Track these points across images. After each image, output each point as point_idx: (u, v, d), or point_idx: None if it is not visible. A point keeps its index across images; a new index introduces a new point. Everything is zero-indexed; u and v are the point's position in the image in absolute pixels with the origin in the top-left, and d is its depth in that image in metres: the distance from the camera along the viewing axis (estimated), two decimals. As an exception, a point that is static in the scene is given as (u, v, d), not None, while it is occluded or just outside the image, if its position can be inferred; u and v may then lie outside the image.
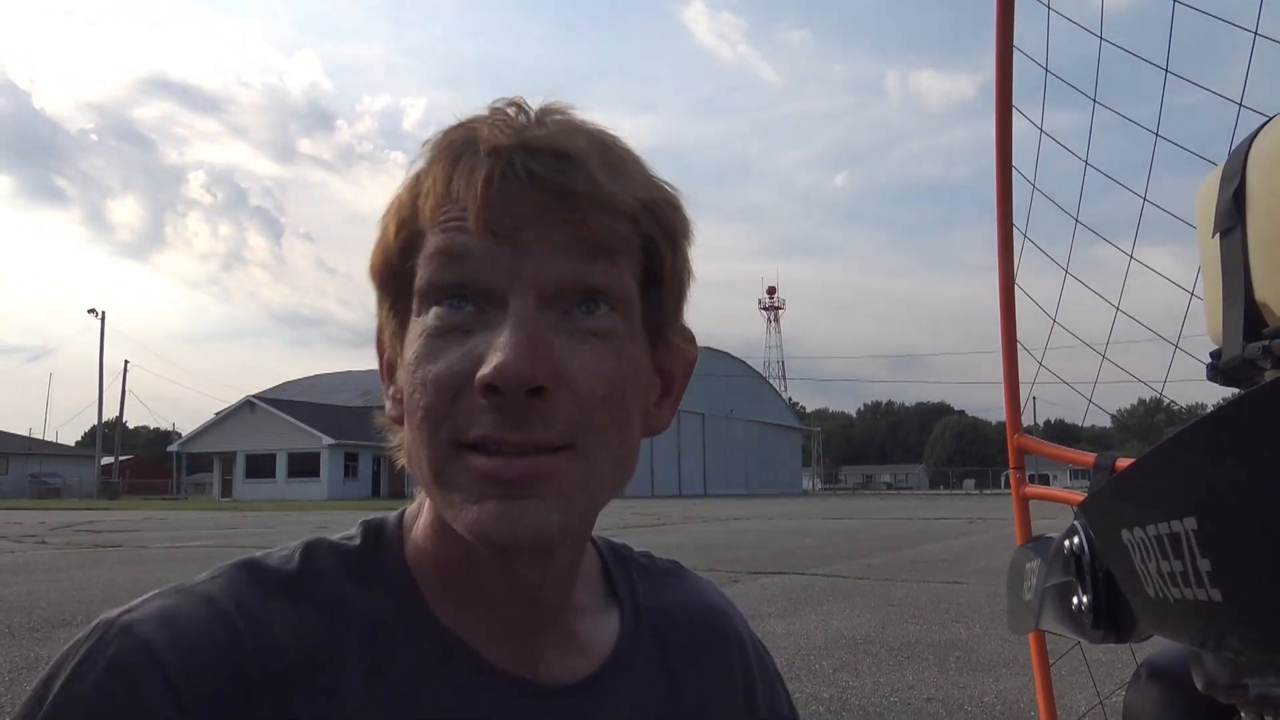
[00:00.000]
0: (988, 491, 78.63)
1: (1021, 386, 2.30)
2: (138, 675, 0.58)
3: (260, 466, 58.36)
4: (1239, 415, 0.56)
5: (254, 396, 62.17)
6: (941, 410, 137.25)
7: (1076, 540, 1.09)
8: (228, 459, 60.11)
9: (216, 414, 63.24)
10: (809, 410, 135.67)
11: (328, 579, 0.67)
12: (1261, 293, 1.09)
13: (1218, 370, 1.20)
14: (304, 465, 55.97)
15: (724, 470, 72.04)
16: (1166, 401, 2.04)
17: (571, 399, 0.61)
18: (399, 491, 57.93)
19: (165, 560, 12.84)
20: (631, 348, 0.65)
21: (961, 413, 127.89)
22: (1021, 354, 2.30)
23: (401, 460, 0.67)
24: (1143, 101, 1.84)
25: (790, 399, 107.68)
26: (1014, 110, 2.25)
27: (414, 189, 0.65)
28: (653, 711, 0.74)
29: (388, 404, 0.70)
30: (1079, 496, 1.95)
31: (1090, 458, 1.94)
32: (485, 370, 0.59)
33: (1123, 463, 1.87)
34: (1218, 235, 1.17)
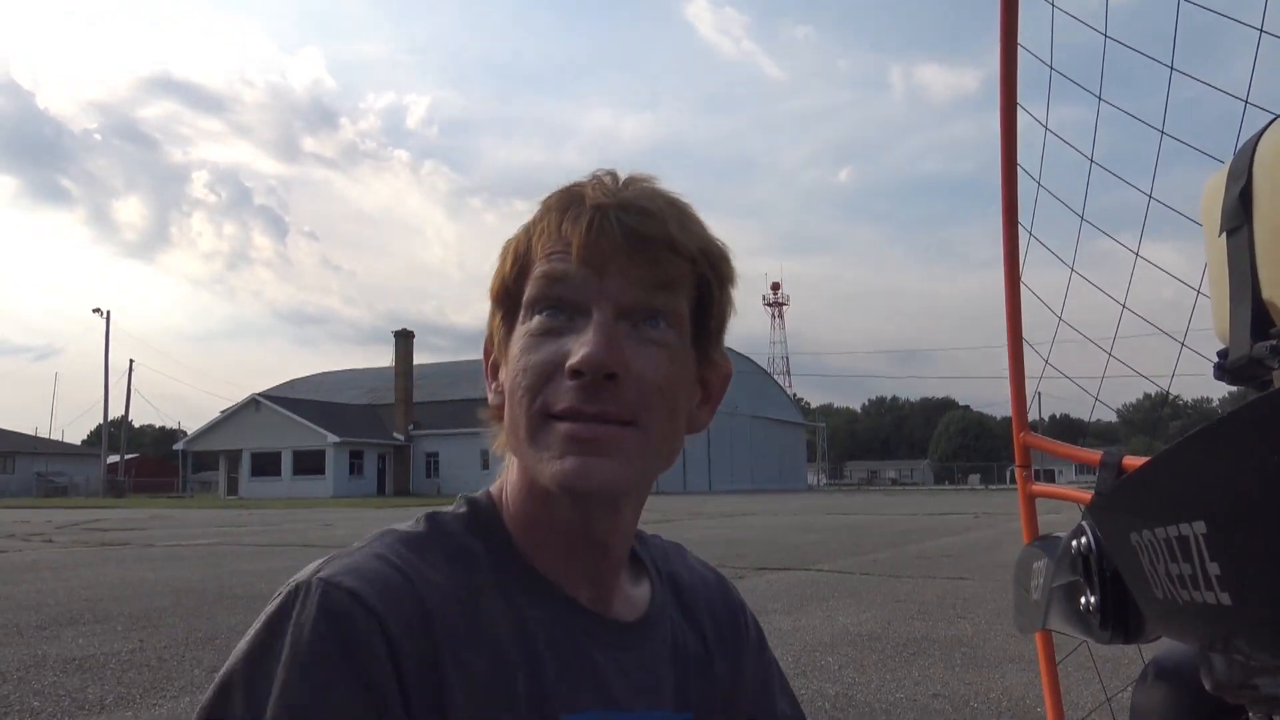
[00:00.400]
0: (993, 487, 78.61)
1: (1028, 382, 2.29)
2: (353, 616, 0.73)
3: (266, 464, 58.46)
4: (1249, 420, 0.56)
5: (259, 395, 62.24)
6: (946, 405, 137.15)
7: (1084, 540, 1.09)
8: (233, 457, 60.21)
9: (222, 412, 63.34)
10: (813, 406, 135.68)
11: (453, 536, 0.86)
12: (1269, 292, 1.09)
13: (1225, 369, 1.19)
14: (309, 463, 56.07)
15: (728, 466, 72.02)
16: (1173, 396, 2.04)
17: (635, 386, 0.81)
18: (404, 489, 58.01)
19: (172, 559, 12.87)
20: (682, 356, 0.85)
21: (966, 408, 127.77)
22: (1027, 350, 2.30)
23: (498, 447, 0.89)
24: (1148, 94, 1.83)
25: (795, 395, 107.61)
26: (1019, 108, 2.25)
27: (529, 231, 0.87)
28: (684, 645, 0.96)
29: (490, 396, 0.91)
30: (1086, 495, 1.95)
31: (1097, 455, 1.93)
32: (574, 359, 0.79)
33: (1130, 460, 1.87)
34: (1224, 235, 1.16)
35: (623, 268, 0.82)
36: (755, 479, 73.31)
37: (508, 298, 0.88)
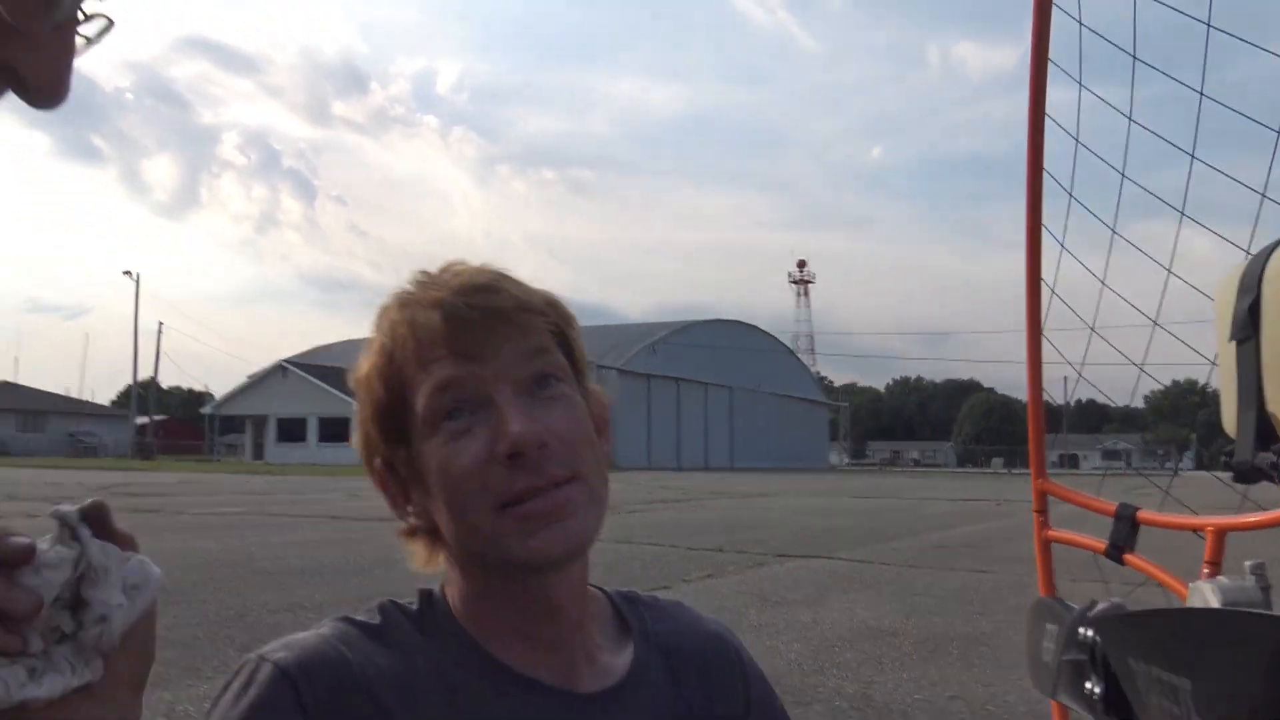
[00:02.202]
0: (1016, 471, 78.25)
1: (1051, 368, 2.32)
2: (273, 681, 0.80)
3: (292, 430, 59.09)
4: (1230, 625, 0.64)
5: (286, 361, 62.81)
6: (971, 388, 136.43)
7: (1092, 633, 1.17)
8: (260, 422, 60.91)
9: (249, 377, 63.99)
10: (837, 385, 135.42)
11: (403, 629, 0.90)
12: (1274, 405, 1.16)
13: (1231, 466, 1.27)
14: (335, 430, 56.57)
15: (751, 443, 72.10)
16: (1202, 384, 2.08)
17: (562, 445, 0.85)
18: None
19: (202, 527, 13.13)
20: (579, 402, 0.90)
21: (991, 390, 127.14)
22: (1053, 340, 2.31)
23: (419, 562, 0.93)
24: (1185, 76, 1.79)
25: (818, 373, 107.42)
26: (1047, 118, 2.28)
27: (385, 353, 0.89)
28: (672, 709, 0.94)
29: (410, 520, 0.93)
30: (1100, 544, 2.02)
31: (1112, 507, 2.01)
32: (503, 444, 0.82)
33: (1143, 515, 1.94)
34: (1234, 341, 1.23)
35: (497, 348, 0.86)
36: (777, 457, 73.36)
37: (391, 421, 0.89)
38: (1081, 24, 2.09)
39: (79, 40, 0.65)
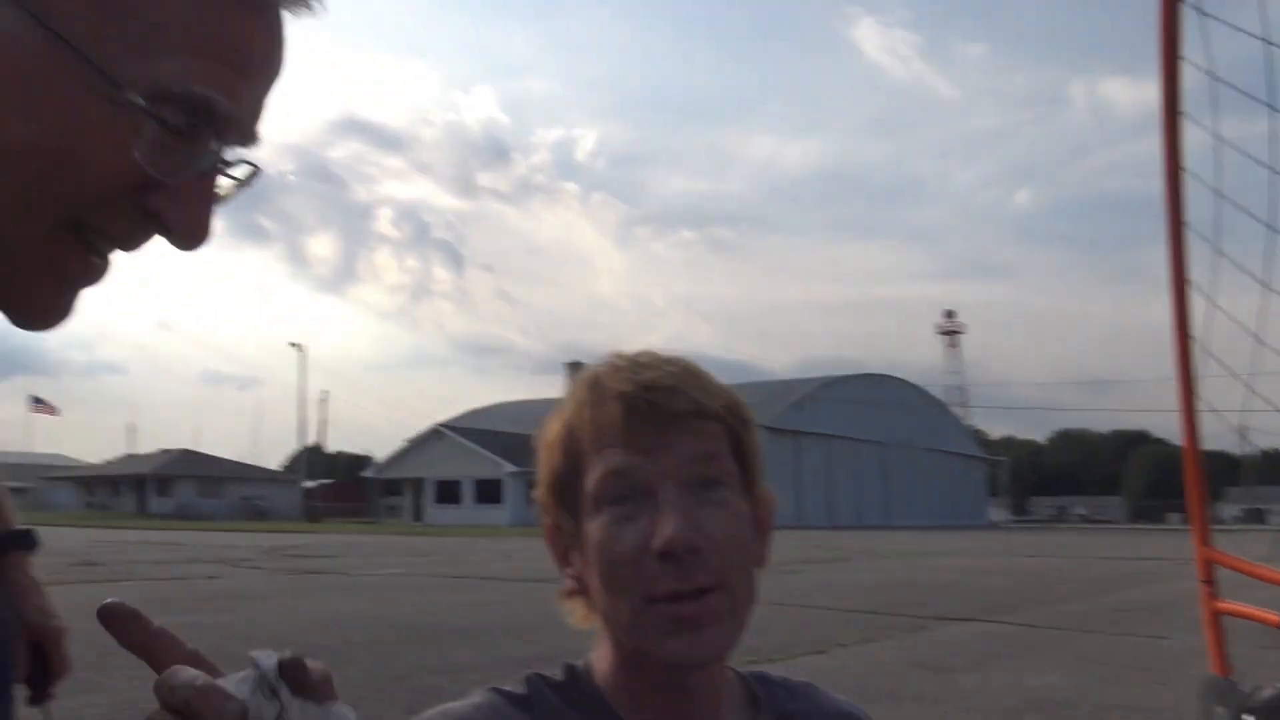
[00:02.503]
0: (1195, 526, 73.27)
1: (1227, 415, 2.18)
2: None
3: (448, 492, 60.74)
4: None
5: (441, 424, 64.84)
6: (1140, 438, 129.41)
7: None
8: (418, 484, 62.85)
9: (407, 441, 66.29)
10: (993, 438, 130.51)
11: (549, 701, 0.95)
12: None
13: None
14: (488, 491, 57.92)
15: (906, 501, 70.11)
16: None
17: (717, 553, 0.88)
18: (579, 518, 58.88)
19: (365, 589, 13.56)
20: (742, 509, 0.93)
21: (1162, 441, 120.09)
22: (1228, 384, 2.19)
23: (578, 619, 0.97)
24: None
25: (973, 427, 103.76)
26: (1184, 172, 2.17)
27: (568, 425, 0.96)
28: None
29: (567, 582, 0.98)
30: (1274, 617, 1.86)
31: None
32: (659, 542, 0.87)
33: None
34: None
35: (669, 448, 0.91)
36: (935, 515, 71.02)
37: (564, 489, 0.95)
38: (1212, 75, 1.99)
39: (227, 184, 0.70)
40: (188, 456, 72.41)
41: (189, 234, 0.68)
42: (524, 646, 8.11)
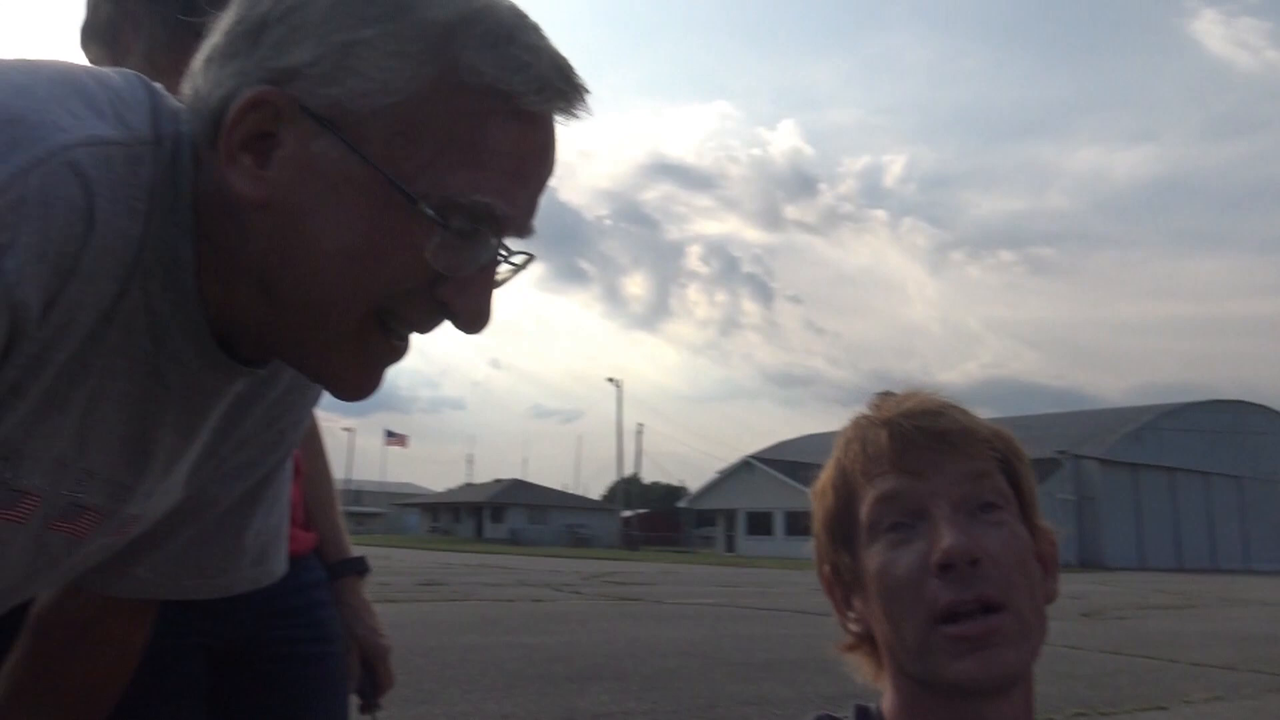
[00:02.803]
0: None
1: None
2: None
3: (760, 523, 61.08)
4: None
5: (752, 456, 65.43)
6: None
7: None
8: (730, 515, 63.70)
9: (719, 472, 67.48)
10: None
11: None
12: None
13: None
14: (800, 523, 57.35)
15: (1269, 542, 62.25)
16: None
17: (996, 567, 0.86)
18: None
19: (679, 617, 13.86)
20: (1021, 533, 0.92)
21: None
22: None
23: (865, 674, 0.98)
24: None
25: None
26: None
27: (839, 465, 0.97)
28: None
29: (850, 627, 0.99)
30: None
31: None
32: (937, 554, 0.86)
33: None
34: None
35: (939, 467, 0.90)
36: (1304, 558, 62.57)
37: (839, 527, 0.97)
38: None
39: (506, 270, 0.82)
40: (518, 486, 77.81)
41: (472, 320, 0.79)
42: (832, 683, 7.94)
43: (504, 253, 0.80)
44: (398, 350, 0.81)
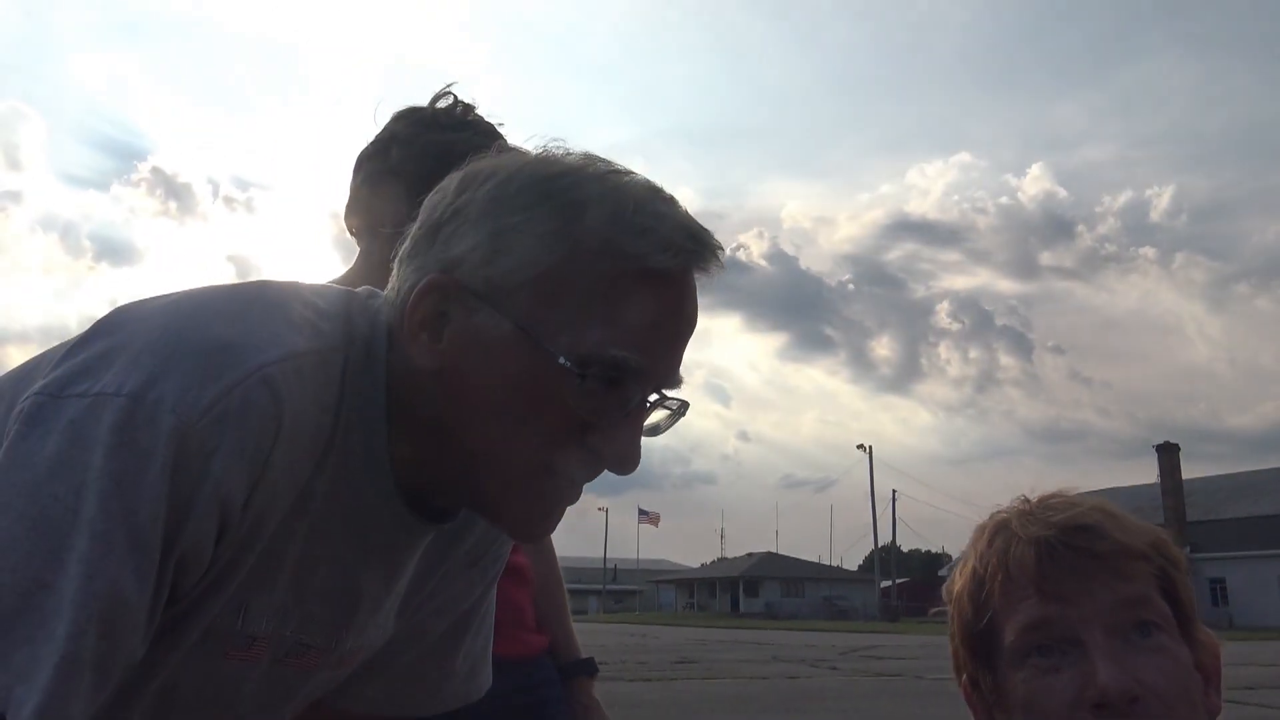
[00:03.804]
0: None
1: None
2: None
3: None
4: None
5: (1016, 518, 61.72)
6: None
7: None
8: (996, 582, 60.18)
9: (981, 537, 64.03)
10: None
11: None
12: None
13: None
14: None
15: None
16: None
17: (1157, 702, 0.82)
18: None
19: (938, 694, 13.17)
20: (1181, 655, 0.87)
21: None
22: None
23: None
24: None
25: None
26: None
27: (976, 576, 0.93)
28: None
29: None
30: None
31: None
32: (1092, 693, 0.82)
33: None
34: None
35: (1091, 591, 0.86)
36: None
37: (978, 642, 0.94)
38: None
39: (664, 416, 0.91)
40: (771, 559, 76.98)
41: (619, 463, 0.88)
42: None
43: (653, 400, 0.89)
44: (568, 495, 0.91)
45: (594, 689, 1.94)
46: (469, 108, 1.69)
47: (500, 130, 1.69)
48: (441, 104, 1.68)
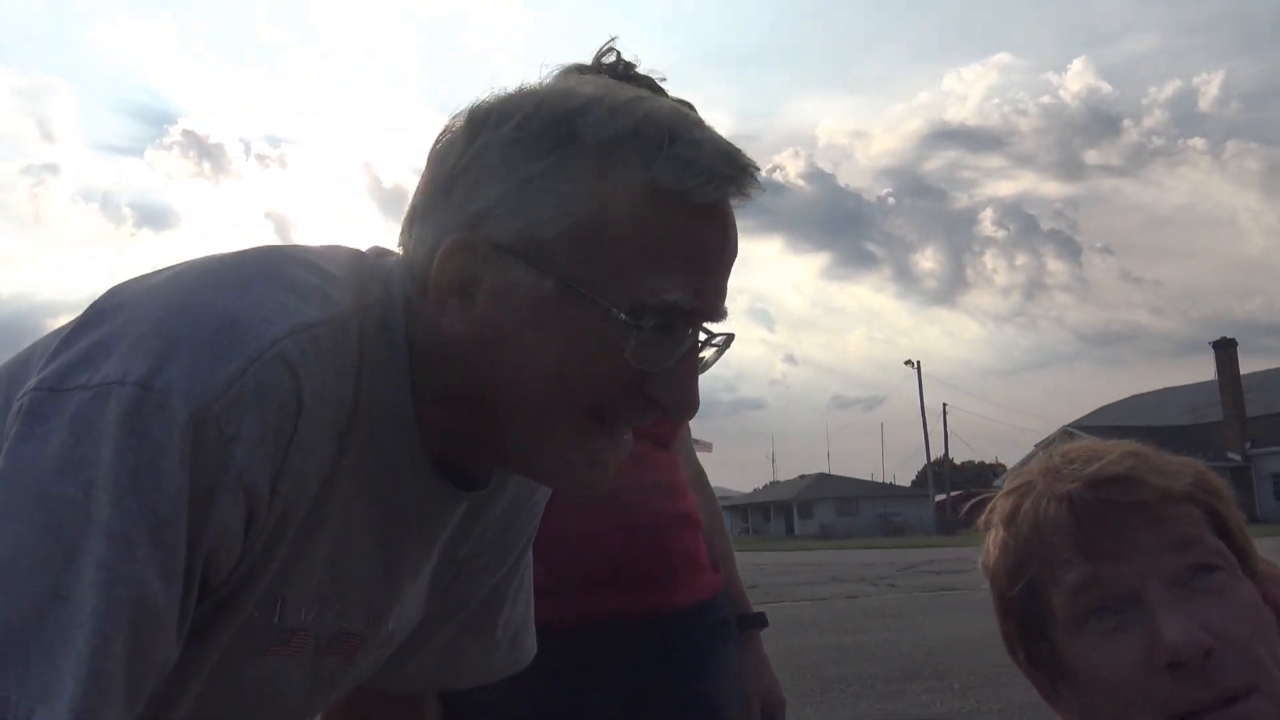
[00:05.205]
0: None
1: None
2: None
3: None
4: None
5: (1071, 425, 61.30)
6: None
7: None
8: (1052, 490, 59.98)
9: (1036, 445, 63.64)
10: None
11: None
12: None
13: None
14: (1133, 492, 53.28)
15: None
16: None
17: (1234, 650, 0.77)
18: (1249, 515, 51.51)
19: (1001, 606, 13.21)
20: (1246, 592, 0.82)
21: None
22: None
23: None
24: None
25: None
26: None
27: (1013, 541, 0.87)
28: None
29: (1062, 709, 0.91)
30: None
31: None
32: (1163, 653, 0.76)
33: None
34: None
35: (1139, 543, 0.80)
36: None
37: (1027, 617, 0.88)
38: None
39: (710, 352, 0.86)
40: (824, 480, 77.20)
41: (680, 408, 0.84)
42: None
43: (702, 339, 0.85)
44: (619, 443, 0.87)
45: (761, 642, 1.99)
46: (630, 65, 1.58)
47: (662, 86, 1.60)
48: (606, 60, 1.58)
